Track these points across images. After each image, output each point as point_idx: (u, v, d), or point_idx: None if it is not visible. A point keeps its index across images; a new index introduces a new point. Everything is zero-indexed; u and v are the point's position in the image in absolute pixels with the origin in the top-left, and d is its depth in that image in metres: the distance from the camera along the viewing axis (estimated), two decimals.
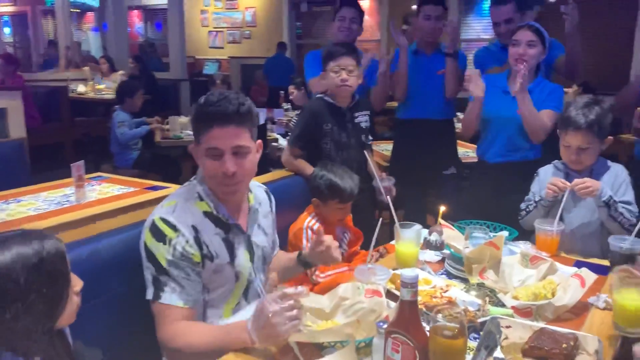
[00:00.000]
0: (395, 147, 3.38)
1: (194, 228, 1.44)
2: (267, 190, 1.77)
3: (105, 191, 2.72)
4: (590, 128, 1.97)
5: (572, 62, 2.89)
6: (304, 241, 2.05)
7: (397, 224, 1.75)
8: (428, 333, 1.13)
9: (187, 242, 1.41)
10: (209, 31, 10.39)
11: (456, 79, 3.09)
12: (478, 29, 7.91)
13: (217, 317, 1.51)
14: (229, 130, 1.41)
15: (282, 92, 5.81)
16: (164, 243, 1.40)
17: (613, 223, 1.95)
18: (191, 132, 4.78)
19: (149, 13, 11.38)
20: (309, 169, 2.35)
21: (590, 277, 1.55)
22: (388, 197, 1.97)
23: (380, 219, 1.71)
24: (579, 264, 1.83)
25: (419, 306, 1.29)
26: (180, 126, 4.77)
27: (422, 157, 3.09)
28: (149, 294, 1.41)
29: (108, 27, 11.07)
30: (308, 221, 2.12)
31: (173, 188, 2.86)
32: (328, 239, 1.58)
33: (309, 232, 2.05)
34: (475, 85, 2.51)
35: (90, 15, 11.90)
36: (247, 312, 1.54)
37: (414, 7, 6.99)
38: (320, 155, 2.43)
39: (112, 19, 8.60)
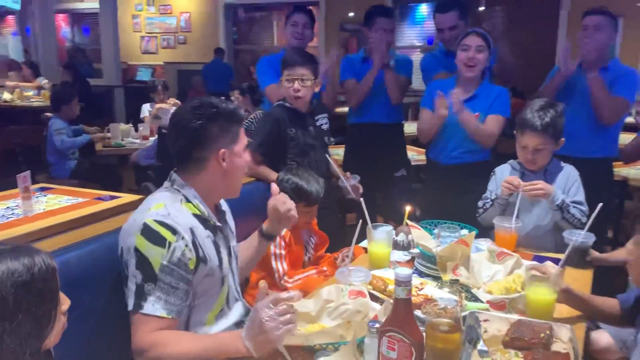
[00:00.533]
0: (347, 150, 3.44)
1: (192, 231, 1.40)
2: None
3: (53, 202, 2.58)
4: (546, 130, 2.09)
5: (505, 67, 3.06)
6: (272, 247, 2.04)
7: (369, 226, 1.78)
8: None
9: (186, 246, 1.37)
10: (142, 36, 10.11)
11: (398, 88, 3.18)
12: (412, 36, 8.16)
13: (200, 325, 1.47)
14: None
15: (222, 97, 5.75)
16: (163, 247, 1.34)
17: (566, 224, 2.07)
18: (133, 140, 4.67)
19: (76, 17, 10.91)
20: (273, 174, 2.35)
21: (562, 273, 1.64)
22: (359, 196, 1.99)
23: (360, 220, 1.73)
24: (537, 259, 1.93)
25: None
26: (122, 133, 4.61)
27: (373, 160, 3.17)
28: (130, 305, 1.35)
29: (31, 31, 10.55)
30: None
31: (124, 197, 2.77)
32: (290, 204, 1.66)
33: (277, 238, 2.04)
34: (442, 107, 2.57)
35: (10, 19, 11.28)
36: (229, 320, 1.52)
37: (351, 14, 7.19)
38: (285, 160, 2.43)
39: (37, 23, 8.18)
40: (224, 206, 1.65)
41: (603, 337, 1.77)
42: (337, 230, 2.28)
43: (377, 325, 1.21)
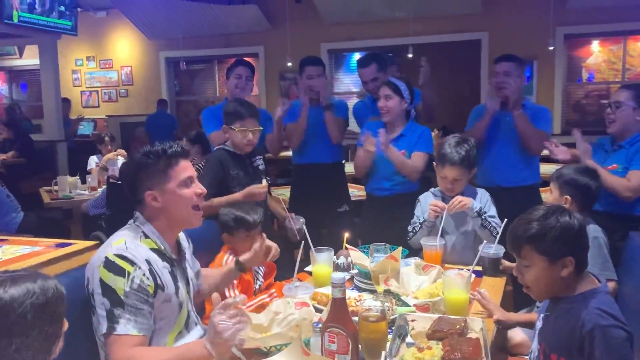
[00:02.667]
0: (293, 189, 3.68)
1: (147, 261, 1.59)
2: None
3: (10, 252, 2.68)
4: (462, 163, 2.43)
5: (428, 108, 3.45)
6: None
7: (312, 249, 2.02)
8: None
9: (144, 274, 1.56)
10: (82, 91, 10.17)
11: (337, 128, 3.48)
12: (348, 83, 8.65)
13: (162, 345, 1.64)
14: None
15: None
16: (123, 276, 1.53)
17: (484, 230, 2.39)
18: (81, 191, 4.75)
19: (14, 74, 10.86)
20: (227, 198, 2.59)
21: (471, 278, 1.93)
22: (300, 236, 2.24)
23: (301, 248, 1.97)
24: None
25: None
26: (70, 186, 4.69)
27: (317, 197, 3.43)
28: (103, 329, 1.51)
29: None
30: (225, 258, 2.31)
31: (80, 244, 2.89)
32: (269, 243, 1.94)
33: (231, 260, 2.24)
34: (370, 144, 2.88)
35: None
36: (188, 340, 1.71)
37: (290, 64, 7.59)
38: None
39: None
40: (184, 243, 1.85)
41: (517, 334, 2.06)
42: (282, 259, 2.51)
43: (321, 325, 1.44)
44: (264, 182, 2.75)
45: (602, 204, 2.58)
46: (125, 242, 1.61)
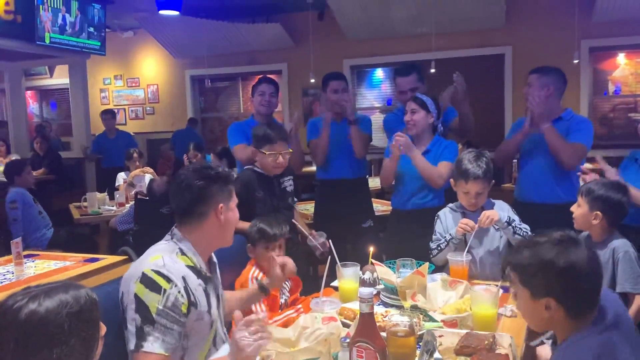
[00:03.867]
0: (317, 205, 3.70)
1: (184, 279, 1.62)
2: None
3: (42, 267, 2.76)
4: (485, 176, 2.44)
5: (465, 123, 3.42)
6: None
7: (338, 265, 2.03)
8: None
9: (179, 292, 1.58)
10: (109, 109, 10.39)
11: (362, 142, 3.49)
12: (371, 98, 8.68)
13: None
14: None
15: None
16: (158, 293, 1.55)
17: (518, 238, 2.35)
18: (109, 207, 4.84)
19: (44, 93, 11.17)
20: (245, 224, 2.60)
21: (499, 293, 1.91)
22: (325, 250, 2.25)
23: (328, 263, 1.99)
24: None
25: None
26: (98, 202, 4.79)
27: (341, 213, 3.43)
28: (132, 345, 1.54)
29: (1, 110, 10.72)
30: (252, 272, 2.33)
31: (109, 259, 2.95)
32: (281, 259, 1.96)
33: (255, 282, 2.26)
34: (394, 147, 2.88)
35: None
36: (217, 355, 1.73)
37: (313, 80, 7.66)
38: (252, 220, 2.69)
39: (7, 102, 8.40)
40: (214, 259, 1.89)
41: (546, 350, 2.03)
42: (308, 276, 2.54)
43: (348, 340, 1.45)
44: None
45: (632, 218, 2.54)
46: (163, 258, 1.63)
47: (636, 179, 2.57)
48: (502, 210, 2.49)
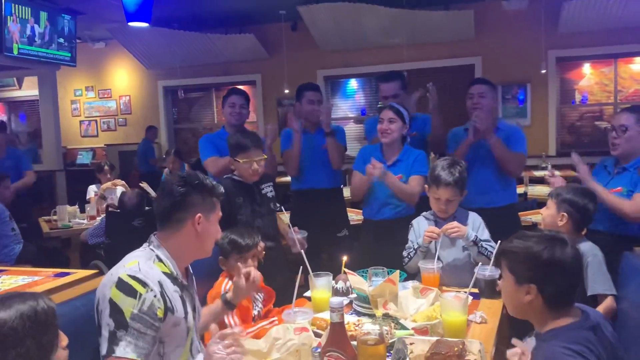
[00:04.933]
0: (293, 215, 3.68)
1: (160, 284, 1.62)
2: None
3: (9, 282, 2.69)
4: (456, 184, 2.48)
5: (437, 137, 3.47)
6: None
7: (310, 274, 2.04)
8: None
9: (155, 296, 1.57)
10: (81, 120, 10.25)
11: (338, 153, 3.52)
12: (345, 109, 8.74)
13: None
14: None
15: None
16: (134, 297, 1.54)
17: (482, 257, 2.41)
18: (80, 220, 4.76)
19: (12, 105, 10.97)
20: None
21: (468, 300, 1.94)
22: (302, 248, 2.25)
23: (300, 274, 1.99)
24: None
25: None
26: (69, 215, 4.71)
27: (316, 223, 3.40)
28: (104, 350, 1.53)
29: None
30: (224, 284, 2.31)
31: (79, 273, 2.90)
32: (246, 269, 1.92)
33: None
34: (369, 173, 2.88)
35: None
36: None
37: (287, 91, 7.69)
38: (234, 226, 2.68)
39: None
40: (190, 270, 1.88)
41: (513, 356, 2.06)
42: (287, 289, 2.54)
43: (319, 350, 1.46)
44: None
45: (604, 224, 2.62)
46: (139, 263, 1.63)
47: (606, 185, 2.65)
48: (472, 225, 2.53)
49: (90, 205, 4.89)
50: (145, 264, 1.65)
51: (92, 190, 5.50)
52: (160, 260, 1.69)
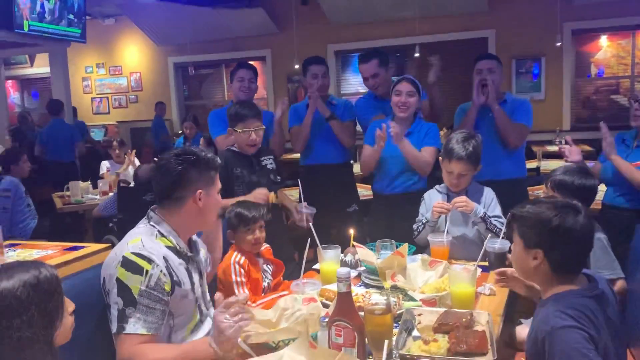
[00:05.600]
0: (302, 191, 3.66)
1: (165, 258, 1.63)
2: None
3: (24, 256, 2.74)
4: (469, 158, 2.44)
5: (435, 107, 3.44)
6: (233, 276, 2.25)
7: (319, 247, 2.04)
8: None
9: (161, 271, 1.59)
10: (92, 98, 10.28)
11: (347, 133, 3.47)
12: (355, 84, 8.66)
13: (179, 340, 1.68)
14: None
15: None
16: (140, 274, 1.56)
17: (489, 232, 2.39)
18: (92, 196, 4.81)
19: (25, 83, 11.02)
20: (229, 201, 2.63)
21: (477, 272, 1.94)
22: (307, 225, 2.25)
23: (307, 247, 1.99)
24: None
25: None
26: (82, 191, 4.75)
27: (326, 198, 3.39)
28: (114, 328, 1.55)
29: None
30: (234, 257, 2.32)
31: (92, 247, 2.94)
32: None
33: (237, 266, 2.26)
34: (380, 139, 2.86)
35: None
36: (203, 331, 1.74)
37: (297, 66, 7.62)
38: (233, 196, 2.70)
39: None
40: (194, 236, 1.88)
41: (524, 330, 2.06)
42: (287, 262, 2.55)
43: (327, 319, 1.46)
44: (265, 190, 2.72)
45: (624, 199, 2.58)
46: (142, 240, 1.64)
47: (626, 160, 2.61)
48: (484, 199, 2.51)
49: (103, 181, 4.93)
50: (148, 240, 1.66)
51: (104, 166, 5.53)
52: (163, 235, 1.70)
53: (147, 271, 1.57)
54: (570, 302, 1.38)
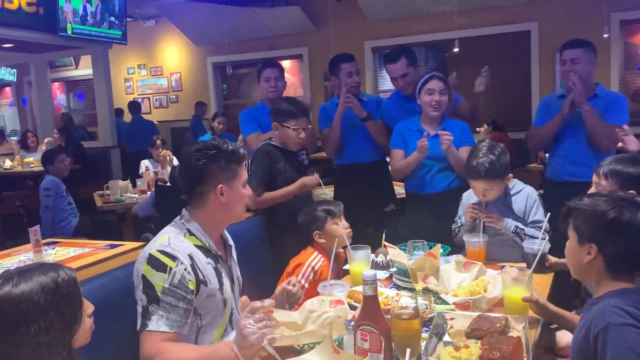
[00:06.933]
0: (336, 190, 3.60)
1: (190, 256, 1.62)
2: None
3: (61, 254, 2.79)
4: (487, 175, 2.30)
5: (476, 111, 3.31)
6: (300, 276, 2.21)
7: (349, 247, 2.00)
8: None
9: (185, 269, 1.58)
10: (134, 98, 10.49)
11: (383, 135, 3.36)
12: None
13: (208, 343, 1.66)
14: None
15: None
16: (164, 272, 1.56)
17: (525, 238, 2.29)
18: (132, 194, 4.89)
19: (71, 84, 11.36)
20: (277, 192, 2.69)
21: (532, 276, 1.84)
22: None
23: (336, 240, 1.96)
24: (503, 268, 2.13)
25: None
26: (121, 189, 4.84)
27: (362, 198, 3.32)
28: (138, 325, 1.55)
29: (28, 101, 10.94)
30: (312, 258, 2.30)
31: (126, 245, 2.98)
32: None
33: (309, 269, 2.24)
34: (423, 150, 2.78)
35: (7, 90, 11.72)
36: (231, 338, 1.71)
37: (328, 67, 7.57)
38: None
39: (34, 93, 8.55)
40: (230, 241, 1.88)
41: (565, 335, 1.96)
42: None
43: (353, 323, 1.41)
44: (316, 174, 2.78)
45: None
46: (169, 238, 1.64)
47: None
48: (527, 202, 2.39)
49: (142, 180, 5.01)
50: (176, 238, 1.65)
51: (144, 165, 5.62)
52: (192, 233, 1.69)
53: (170, 269, 1.56)
54: (627, 299, 1.29)
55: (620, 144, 2.79)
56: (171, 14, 8.59)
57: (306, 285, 2.16)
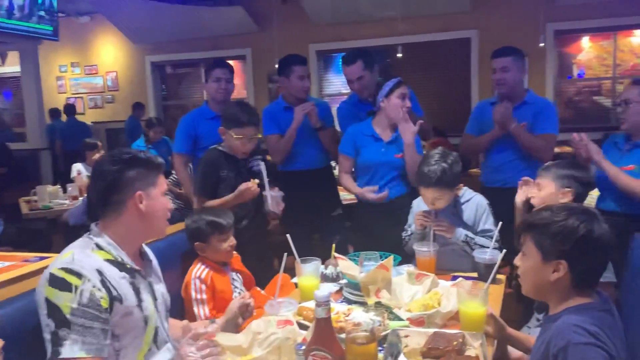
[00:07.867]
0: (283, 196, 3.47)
1: (99, 271, 1.45)
2: None
3: None
4: (438, 184, 2.25)
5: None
6: (193, 293, 2.07)
7: (297, 260, 1.88)
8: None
9: (94, 286, 1.41)
10: (67, 98, 9.97)
11: (334, 140, 3.29)
12: (337, 84, 8.51)
13: None
14: None
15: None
16: (69, 291, 1.38)
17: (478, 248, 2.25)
18: (61, 201, 4.58)
19: None
20: (220, 200, 2.55)
21: (487, 289, 1.79)
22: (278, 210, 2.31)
23: (285, 254, 1.83)
24: (455, 278, 2.09)
25: None
26: (49, 195, 4.52)
27: (308, 204, 3.22)
28: (48, 354, 1.37)
29: None
30: (195, 270, 2.14)
31: (52, 257, 2.73)
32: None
33: (197, 282, 2.09)
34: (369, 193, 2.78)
35: None
36: (156, 358, 1.56)
37: (277, 65, 7.45)
38: (216, 198, 2.55)
39: None
40: (151, 256, 1.72)
41: (515, 351, 1.93)
42: (266, 272, 2.41)
43: (304, 347, 1.30)
44: (253, 180, 2.61)
45: (615, 204, 2.47)
46: (73, 253, 1.46)
47: (617, 163, 2.49)
48: (477, 211, 2.37)
49: (73, 185, 4.70)
50: (82, 252, 1.48)
51: (75, 169, 5.29)
52: (101, 248, 1.52)
53: (76, 287, 1.39)
54: (587, 316, 1.26)
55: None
56: (107, 10, 8.20)
57: (204, 297, 2.05)
